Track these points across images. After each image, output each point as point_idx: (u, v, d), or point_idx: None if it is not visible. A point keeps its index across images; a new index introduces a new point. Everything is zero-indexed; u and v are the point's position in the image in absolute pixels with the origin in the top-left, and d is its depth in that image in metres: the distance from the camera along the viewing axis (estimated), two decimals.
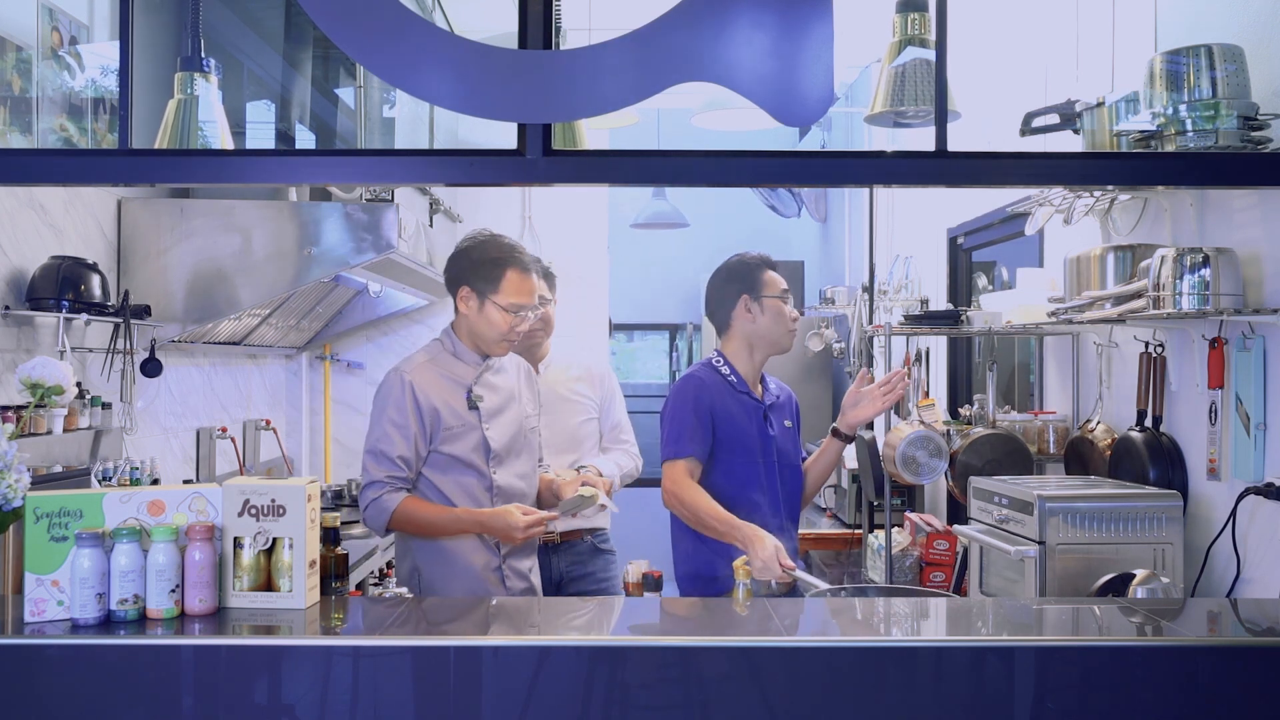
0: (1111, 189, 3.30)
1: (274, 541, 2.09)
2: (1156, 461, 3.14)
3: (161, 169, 2.30)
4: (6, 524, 2.17)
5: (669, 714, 1.97)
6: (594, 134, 3.68)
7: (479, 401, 2.85)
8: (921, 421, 3.42)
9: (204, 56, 2.54)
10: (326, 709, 1.95)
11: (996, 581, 3.24)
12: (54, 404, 2.48)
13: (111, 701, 1.94)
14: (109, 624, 1.99)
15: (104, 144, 3.35)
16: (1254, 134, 2.55)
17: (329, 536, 2.35)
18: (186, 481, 4.05)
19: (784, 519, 2.96)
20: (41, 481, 2.86)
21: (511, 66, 2.11)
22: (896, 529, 4.17)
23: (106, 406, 3.33)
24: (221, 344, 4.22)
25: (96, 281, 3.22)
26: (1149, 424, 3.22)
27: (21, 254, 3.10)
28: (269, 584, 2.10)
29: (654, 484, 3.02)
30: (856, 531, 4.82)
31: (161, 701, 1.93)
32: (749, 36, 2.08)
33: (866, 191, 5.79)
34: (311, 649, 1.99)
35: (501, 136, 2.24)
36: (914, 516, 4.22)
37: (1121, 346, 3.49)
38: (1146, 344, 3.24)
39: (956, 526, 3.58)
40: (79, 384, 2.74)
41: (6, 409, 2.81)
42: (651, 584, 2.63)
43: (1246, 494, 2.77)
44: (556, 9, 2.88)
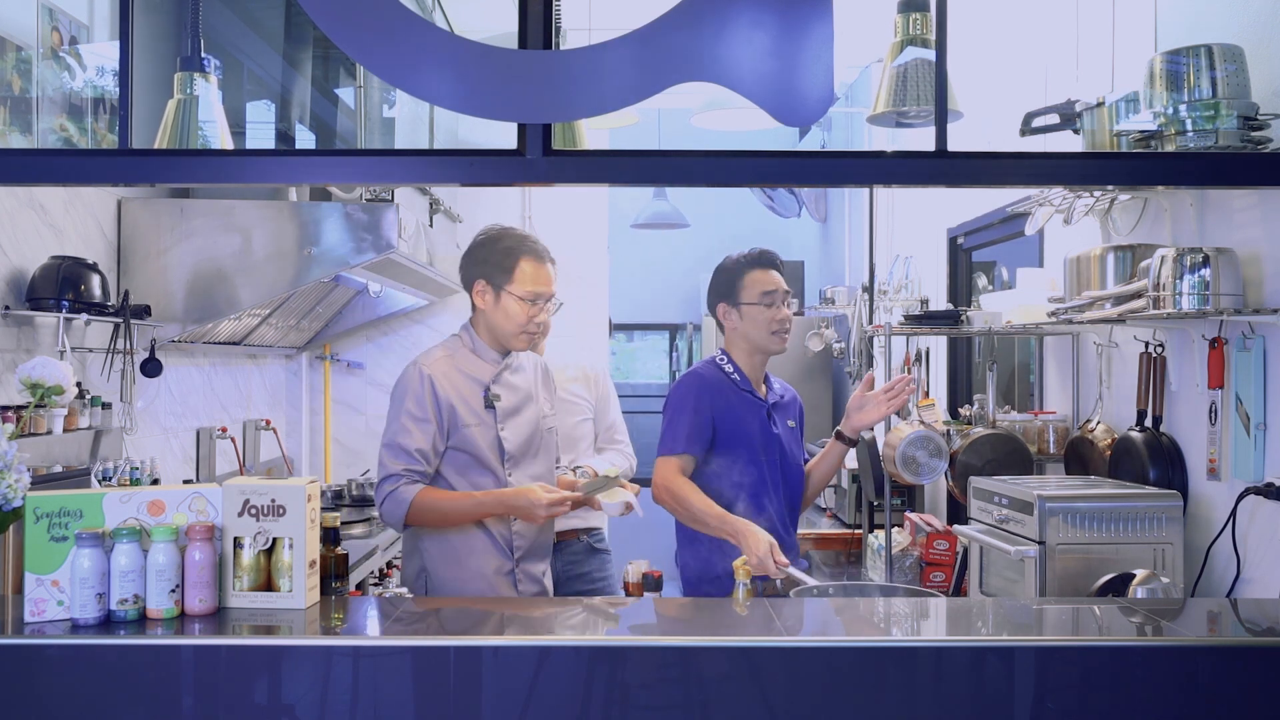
0: (1111, 189, 3.30)
1: (274, 541, 2.09)
2: (1156, 461, 3.14)
3: (161, 169, 2.30)
4: (6, 524, 2.17)
5: (669, 714, 1.97)
6: (594, 134, 3.68)
7: (496, 400, 2.80)
8: (921, 421, 3.42)
9: (204, 56, 2.54)
10: (326, 709, 1.95)
11: (996, 581, 3.24)
12: (54, 404, 2.48)
13: (111, 701, 1.94)
14: (109, 624, 1.99)
15: (104, 144, 3.35)
16: (1254, 134, 2.55)
17: (329, 536, 2.35)
18: (186, 481, 4.05)
19: (785, 519, 2.96)
20: (41, 481, 2.86)
21: (511, 66, 2.11)
22: (896, 529, 4.17)
23: (106, 406, 3.33)
24: (221, 344, 4.22)
25: (96, 281, 3.22)
26: (1149, 424, 3.22)
27: (21, 254, 3.10)
28: (269, 584, 2.10)
29: (645, 483, 3.01)
30: (856, 531, 4.82)
31: (161, 701, 1.94)
32: (749, 36, 2.08)
33: (866, 191, 5.80)
34: (311, 649, 1.99)
35: (501, 136, 2.24)
36: (914, 516, 4.22)
37: (1121, 346, 3.49)
38: (1146, 344, 3.24)
39: (956, 526, 3.58)
40: (79, 384, 2.74)
41: (6, 409, 2.81)
42: (651, 584, 2.63)
43: (1246, 494, 2.77)
44: (556, 9, 2.88)
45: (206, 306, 3.76)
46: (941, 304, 4.96)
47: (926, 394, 4.68)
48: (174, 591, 2.02)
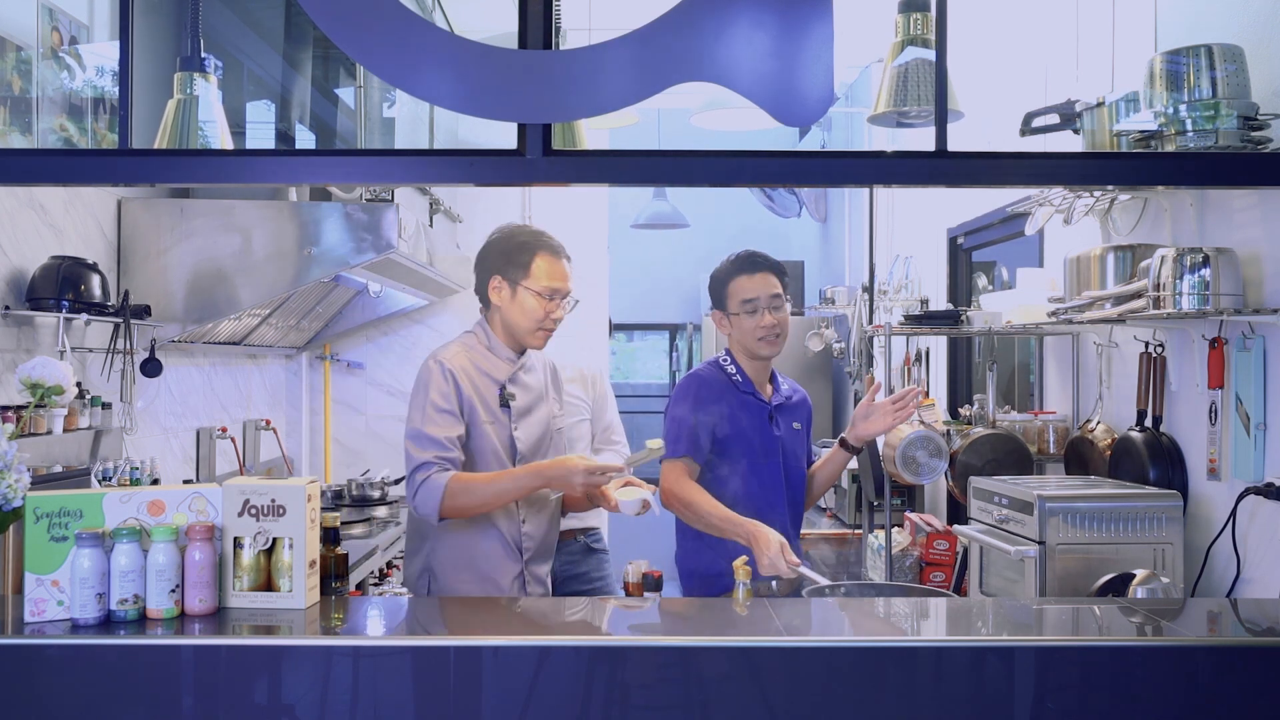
0: (1111, 189, 3.30)
1: (274, 541, 2.09)
2: (1156, 461, 3.14)
3: (161, 169, 2.30)
4: (6, 524, 2.17)
5: (669, 714, 1.97)
6: (594, 134, 3.68)
7: (511, 399, 2.77)
8: (921, 421, 3.42)
9: (204, 56, 2.54)
10: (326, 709, 1.95)
11: (996, 581, 3.24)
12: (54, 404, 2.48)
13: (111, 701, 1.94)
14: (109, 624, 1.99)
15: (104, 144, 3.35)
16: (1254, 134, 2.55)
17: (329, 536, 2.35)
18: (186, 481, 4.05)
19: (787, 520, 2.95)
20: (41, 481, 2.86)
21: (511, 66, 2.11)
22: (896, 529, 4.17)
23: (106, 406, 3.33)
24: (221, 344, 4.22)
25: (96, 281, 3.22)
26: (1149, 424, 3.22)
27: (21, 254, 3.10)
28: (269, 584, 2.10)
29: (652, 483, 3.01)
30: (856, 531, 4.82)
31: (161, 701, 1.93)
32: (749, 36, 2.08)
33: (866, 191, 5.80)
34: (311, 649, 1.99)
35: (501, 136, 2.24)
36: (914, 516, 4.22)
37: (1121, 346, 3.49)
38: (1146, 344, 3.24)
39: (956, 526, 3.58)
40: (79, 384, 2.74)
41: (6, 409, 2.81)
42: (651, 584, 2.63)
43: (1246, 494, 2.77)
44: (556, 9, 2.89)
45: (206, 306, 3.76)
46: (941, 304, 4.97)
47: (927, 394, 4.67)
48: (174, 591, 2.02)
